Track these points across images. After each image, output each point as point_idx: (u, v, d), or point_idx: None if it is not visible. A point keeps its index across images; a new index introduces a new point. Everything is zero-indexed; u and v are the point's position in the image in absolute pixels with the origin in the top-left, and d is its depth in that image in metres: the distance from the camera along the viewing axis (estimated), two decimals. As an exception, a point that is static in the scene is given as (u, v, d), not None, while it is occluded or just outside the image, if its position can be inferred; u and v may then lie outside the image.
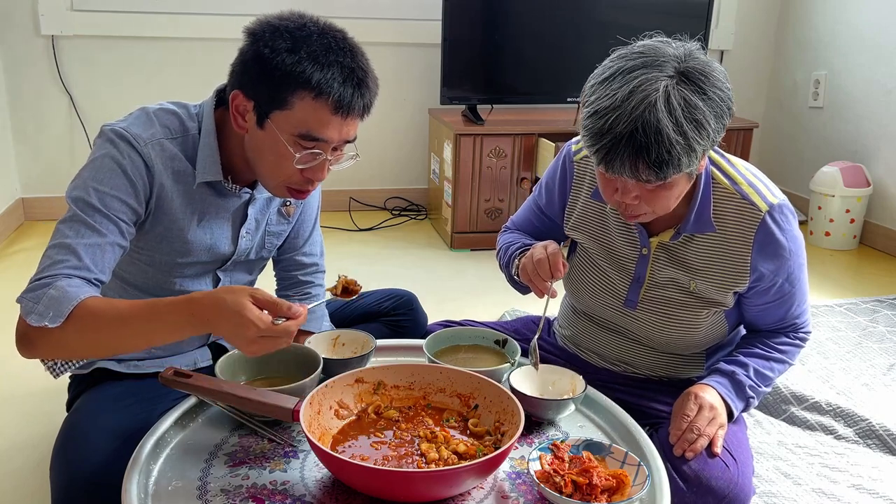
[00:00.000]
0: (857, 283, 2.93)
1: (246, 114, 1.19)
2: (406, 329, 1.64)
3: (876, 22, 3.26)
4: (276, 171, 1.22)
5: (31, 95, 3.18)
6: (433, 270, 2.94)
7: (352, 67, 1.16)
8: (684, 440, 1.27)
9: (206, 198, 1.29)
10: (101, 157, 1.19)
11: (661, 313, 1.39)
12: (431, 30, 3.21)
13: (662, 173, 1.12)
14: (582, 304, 1.52)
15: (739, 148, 3.35)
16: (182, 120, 1.26)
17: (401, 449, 1.12)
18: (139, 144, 1.20)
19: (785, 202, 1.31)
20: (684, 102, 1.10)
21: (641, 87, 1.10)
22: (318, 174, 1.22)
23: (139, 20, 3.18)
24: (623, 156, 1.11)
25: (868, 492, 1.61)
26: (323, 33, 1.16)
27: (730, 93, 1.16)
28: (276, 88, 1.15)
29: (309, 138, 1.17)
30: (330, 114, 1.16)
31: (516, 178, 3.14)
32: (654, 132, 1.09)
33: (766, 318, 1.40)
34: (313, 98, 1.14)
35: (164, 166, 1.23)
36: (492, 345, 1.42)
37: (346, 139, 1.21)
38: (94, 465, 1.15)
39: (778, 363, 1.40)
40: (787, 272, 1.32)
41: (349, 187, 3.61)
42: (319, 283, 1.57)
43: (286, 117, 1.16)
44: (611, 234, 1.41)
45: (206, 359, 1.44)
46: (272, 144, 1.18)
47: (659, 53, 1.14)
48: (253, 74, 1.16)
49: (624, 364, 1.49)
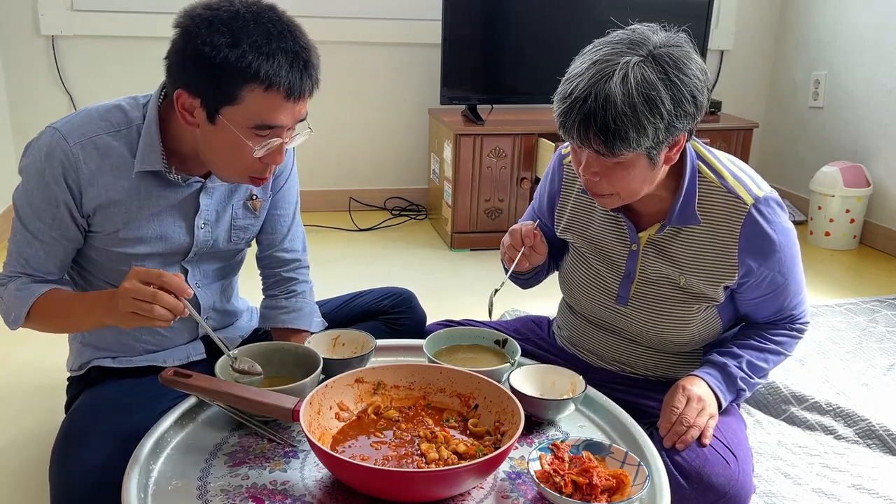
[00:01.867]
0: (857, 283, 2.93)
1: (194, 110, 1.18)
2: (405, 327, 1.64)
3: (876, 22, 3.26)
4: (235, 163, 1.21)
5: (31, 95, 3.18)
6: (433, 270, 2.94)
7: (295, 51, 1.15)
8: (674, 432, 1.28)
9: (151, 189, 1.28)
10: (31, 165, 1.24)
11: (652, 309, 1.39)
12: (431, 30, 3.21)
13: (610, 143, 1.16)
14: (576, 304, 1.53)
15: (739, 148, 3.34)
16: (125, 112, 1.27)
17: (401, 449, 1.12)
18: (67, 145, 1.22)
19: (771, 194, 1.31)
20: (641, 78, 1.14)
21: (609, 60, 1.16)
22: (276, 158, 1.22)
23: (139, 20, 3.18)
24: (575, 120, 1.16)
25: (868, 492, 1.61)
26: (258, 19, 1.14)
27: (699, 84, 1.18)
28: (223, 85, 1.13)
29: (264, 127, 1.17)
30: (282, 101, 1.15)
31: (516, 178, 3.14)
32: (602, 99, 1.14)
33: (762, 312, 1.40)
34: (264, 90, 1.13)
35: (99, 164, 1.24)
36: (492, 345, 1.42)
37: (300, 118, 1.21)
38: (94, 465, 1.15)
39: (773, 354, 1.40)
40: (779, 265, 1.32)
41: (349, 187, 3.62)
42: (304, 278, 1.56)
43: (238, 111, 1.15)
44: (600, 232, 1.43)
45: (200, 352, 1.44)
46: (227, 138, 1.17)
47: (642, 37, 1.19)
48: (195, 73, 1.14)
49: (621, 364, 1.50)
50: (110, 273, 1.33)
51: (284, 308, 1.50)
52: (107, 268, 1.33)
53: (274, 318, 1.51)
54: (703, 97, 1.19)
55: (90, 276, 1.36)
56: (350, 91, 3.49)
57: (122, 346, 1.39)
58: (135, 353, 1.40)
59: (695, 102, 1.18)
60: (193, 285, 1.37)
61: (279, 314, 1.50)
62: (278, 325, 1.50)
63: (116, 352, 1.39)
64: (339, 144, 3.57)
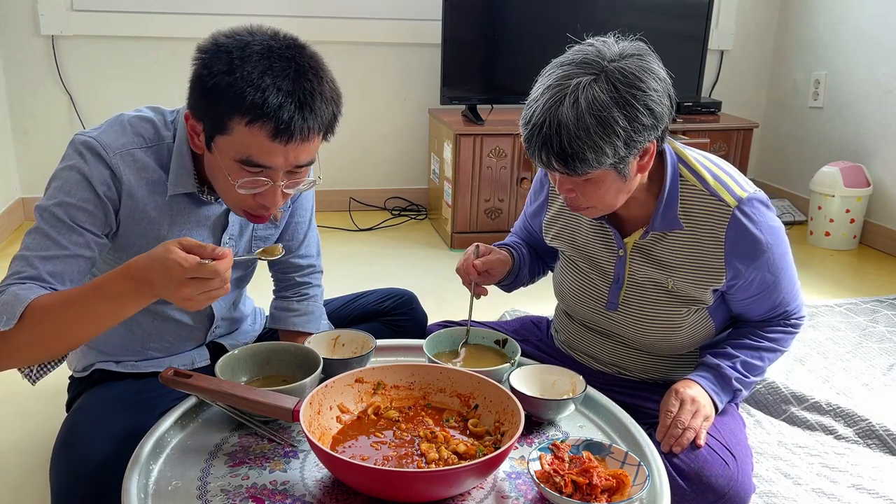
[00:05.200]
0: (857, 283, 2.93)
1: (199, 134, 1.16)
2: (406, 328, 1.64)
3: (876, 22, 3.26)
4: (226, 194, 1.19)
5: (31, 95, 3.18)
6: (433, 270, 2.94)
7: (290, 90, 1.07)
8: (670, 436, 1.28)
9: (183, 207, 1.27)
10: (69, 168, 1.18)
11: (642, 314, 1.40)
12: (431, 30, 3.21)
13: (571, 166, 1.17)
14: (569, 310, 1.54)
15: (739, 148, 3.35)
16: (157, 128, 1.24)
17: (401, 449, 1.12)
18: (108, 155, 1.18)
19: (755, 194, 1.31)
20: (592, 99, 1.15)
21: (561, 84, 1.17)
22: (269, 200, 1.15)
23: (139, 20, 3.18)
24: (537, 146, 1.19)
25: (868, 492, 1.61)
26: (269, 53, 1.08)
27: (656, 95, 1.17)
28: (214, 112, 1.10)
29: (252, 164, 1.11)
30: (268, 140, 1.08)
31: (516, 178, 3.14)
32: (556, 125, 1.16)
33: (755, 311, 1.40)
34: (246, 124, 1.07)
35: (136, 177, 1.21)
36: (492, 345, 1.42)
37: (297, 164, 1.13)
38: (94, 465, 1.15)
39: (769, 352, 1.40)
40: (768, 264, 1.31)
41: (349, 187, 3.62)
42: (317, 283, 1.58)
43: (227, 142, 1.11)
44: (588, 239, 1.43)
45: (204, 358, 1.44)
46: (220, 167, 1.15)
47: (596, 54, 1.19)
48: (194, 96, 1.13)
49: (617, 367, 1.50)
50: None
51: (296, 311, 1.52)
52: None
53: (285, 320, 1.53)
54: (662, 107, 1.18)
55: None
56: (350, 91, 3.47)
57: (129, 351, 1.39)
58: (140, 359, 1.40)
59: (652, 114, 1.17)
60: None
61: (290, 317, 1.52)
62: (289, 327, 1.52)
63: (121, 356, 1.39)
64: (339, 144, 3.56)
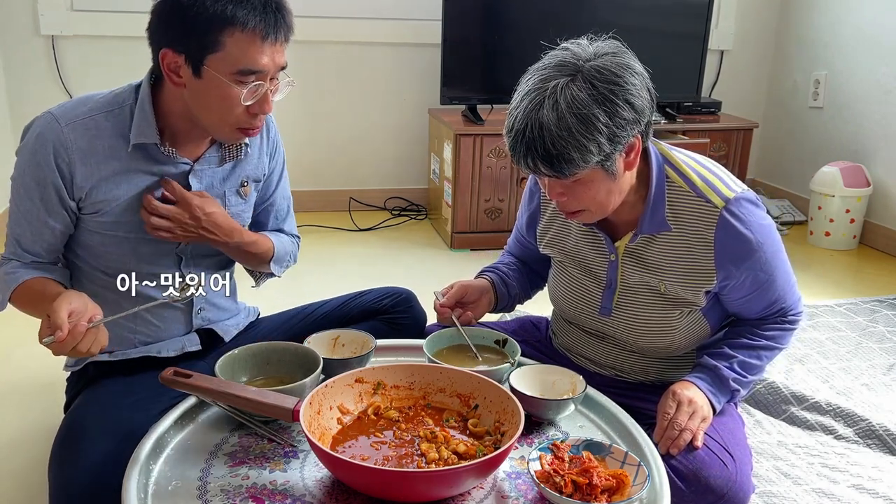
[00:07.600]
0: (857, 283, 2.93)
1: (180, 68, 1.23)
2: (404, 326, 1.64)
3: (876, 22, 3.26)
4: (224, 114, 1.26)
5: (31, 95, 3.18)
6: (433, 270, 2.94)
7: None
8: (667, 438, 1.28)
9: (142, 168, 1.31)
10: (22, 147, 1.29)
11: (636, 317, 1.39)
12: (431, 30, 3.21)
13: (557, 167, 1.17)
14: (564, 314, 1.54)
15: (739, 148, 3.35)
16: (118, 95, 1.32)
17: (401, 449, 1.12)
18: (58, 126, 1.26)
19: (744, 193, 1.30)
20: (571, 99, 1.15)
21: (539, 88, 1.17)
22: (263, 107, 1.27)
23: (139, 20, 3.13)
24: (521, 152, 1.19)
25: (868, 492, 1.61)
26: None
27: (634, 89, 1.17)
28: (204, 33, 1.20)
29: (247, 72, 1.22)
30: (260, 42, 1.21)
31: (516, 178, 3.14)
32: (538, 128, 1.16)
33: (751, 310, 1.40)
34: (242, 31, 1.20)
35: (91, 143, 1.28)
36: (492, 345, 1.42)
37: (281, 66, 1.26)
38: (94, 464, 1.15)
39: (766, 350, 1.40)
40: (760, 263, 1.31)
41: (349, 187, 3.62)
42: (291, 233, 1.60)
43: (222, 58, 1.21)
44: (579, 245, 1.43)
45: (195, 344, 1.45)
46: (215, 89, 1.23)
47: (571, 56, 1.19)
48: (177, 27, 1.21)
49: (614, 370, 1.50)
50: (105, 258, 1.35)
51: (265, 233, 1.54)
52: (101, 253, 1.35)
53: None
54: (641, 100, 1.18)
55: (84, 265, 1.37)
56: (350, 91, 3.49)
57: (118, 339, 1.39)
58: (130, 346, 1.41)
59: (633, 108, 1.17)
60: (188, 274, 1.39)
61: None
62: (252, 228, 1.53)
63: (112, 346, 1.38)
64: (339, 144, 3.57)
